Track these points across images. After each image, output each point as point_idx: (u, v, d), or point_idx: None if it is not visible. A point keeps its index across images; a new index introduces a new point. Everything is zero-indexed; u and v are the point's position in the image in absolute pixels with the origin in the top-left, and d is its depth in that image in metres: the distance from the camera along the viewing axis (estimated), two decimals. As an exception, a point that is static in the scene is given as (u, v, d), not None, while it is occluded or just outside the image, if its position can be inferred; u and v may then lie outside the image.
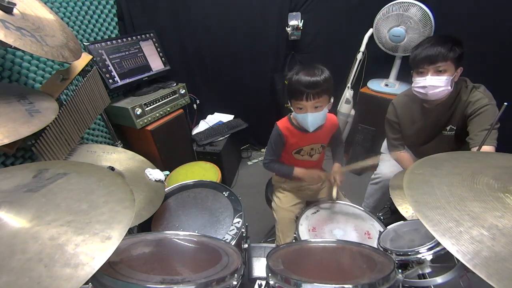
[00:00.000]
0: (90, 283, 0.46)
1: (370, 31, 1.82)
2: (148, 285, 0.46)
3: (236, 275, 0.57)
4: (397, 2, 1.59)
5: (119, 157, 1.12)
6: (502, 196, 0.43)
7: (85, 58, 1.14)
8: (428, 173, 0.53)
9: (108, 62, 1.59)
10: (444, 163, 0.56)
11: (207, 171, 1.78)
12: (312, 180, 1.13)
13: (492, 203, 0.42)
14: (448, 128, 1.17)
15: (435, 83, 1.04)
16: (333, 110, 2.18)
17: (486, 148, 0.99)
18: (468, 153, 0.64)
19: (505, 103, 0.73)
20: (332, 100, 0.97)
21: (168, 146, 1.83)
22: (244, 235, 0.96)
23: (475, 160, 0.57)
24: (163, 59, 1.91)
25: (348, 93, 2.10)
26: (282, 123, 1.09)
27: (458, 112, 1.12)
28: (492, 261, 0.34)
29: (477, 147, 0.97)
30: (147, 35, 1.83)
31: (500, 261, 0.34)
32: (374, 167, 1.52)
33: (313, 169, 1.15)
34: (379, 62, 1.92)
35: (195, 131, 2.15)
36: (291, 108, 1.00)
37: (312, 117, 0.94)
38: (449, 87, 1.05)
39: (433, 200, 0.45)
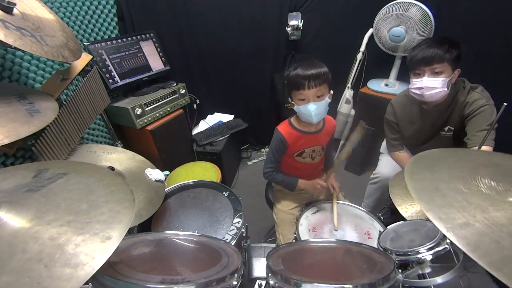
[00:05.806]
0: (90, 283, 0.46)
1: (370, 31, 1.82)
2: (148, 285, 0.46)
3: (236, 275, 0.57)
4: (397, 2, 1.59)
5: (119, 157, 1.12)
6: (502, 196, 0.43)
7: (85, 58, 1.14)
8: (429, 176, 0.53)
9: (108, 62, 1.59)
10: (444, 163, 0.56)
11: (207, 171, 1.78)
12: (315, 191, 1.16)
13: (494, 202, 0.42)
14: (446, 128, 1.17)
15: (431, 84, 1.04)
16: (333, 110, 2.18)
17: (484, 148, 0.99)
18: (472, 153, 0.64)
19: (505, 103, 0.73)
20: (331, 92, 0.98)
21: (168, 146, 1.83)
22: (244, 235, 0.96)
23: (476, 160, 0.57)
24: (163, 59, 1.91)
25: (348, 93, 2.10)
26: (282, 128, 1.08)
27: (456, 113, 1.12)
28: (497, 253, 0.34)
29: (474, 147, 0.97)
30: (147, 35, 1.83)
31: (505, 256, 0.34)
32: (374, 167, 1.52)
33: (314, 172, 1.14)
34: (379, 62, 1.92)
35: (195, 131, 2.15)
36: (292, 102, 1.00)
37: (315, 106, 0.94)
38: (446, 89, 1.05)
39: (443, 202, 0.45)
